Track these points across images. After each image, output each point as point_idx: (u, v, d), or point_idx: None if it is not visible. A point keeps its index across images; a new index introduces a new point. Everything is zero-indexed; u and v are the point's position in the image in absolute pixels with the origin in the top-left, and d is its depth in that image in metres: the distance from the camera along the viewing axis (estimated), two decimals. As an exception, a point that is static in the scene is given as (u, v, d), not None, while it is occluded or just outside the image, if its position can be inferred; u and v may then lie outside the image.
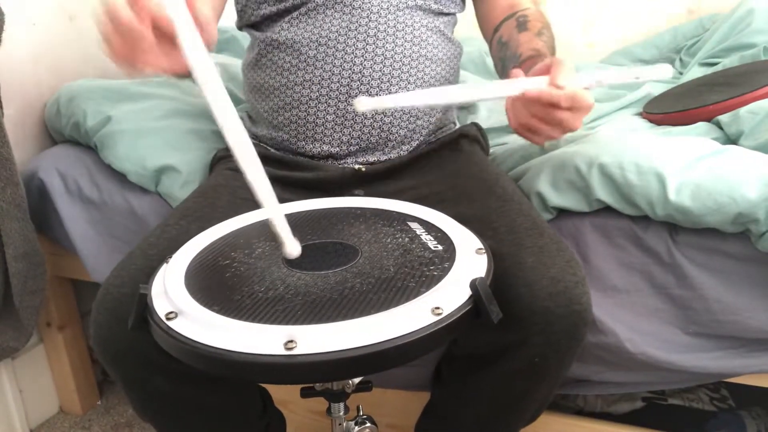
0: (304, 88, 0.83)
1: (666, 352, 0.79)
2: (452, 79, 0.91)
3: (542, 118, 0.68)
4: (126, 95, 1.10)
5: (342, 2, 0.82)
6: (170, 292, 0.51)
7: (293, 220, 0.68)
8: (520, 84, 0.67)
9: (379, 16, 0.82)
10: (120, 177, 1.02)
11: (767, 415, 1.06)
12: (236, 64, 1.26)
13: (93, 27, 1.27)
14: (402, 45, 0.83)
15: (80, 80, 1.16)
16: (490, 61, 1.53)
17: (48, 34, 1.19)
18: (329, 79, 0.82)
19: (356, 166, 0.85)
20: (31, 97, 1.16)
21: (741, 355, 0.79)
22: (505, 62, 0.85)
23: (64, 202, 1.04)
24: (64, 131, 1.10)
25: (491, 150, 1.08)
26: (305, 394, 0.64)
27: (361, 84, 0.82)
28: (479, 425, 0.73)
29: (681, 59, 1.52)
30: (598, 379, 0.87)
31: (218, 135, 1.08)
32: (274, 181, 0.85)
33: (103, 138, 1.02)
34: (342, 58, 0.81)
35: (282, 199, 0.80)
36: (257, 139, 0.92)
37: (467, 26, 0.99)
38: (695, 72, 1.32)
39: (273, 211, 0.56)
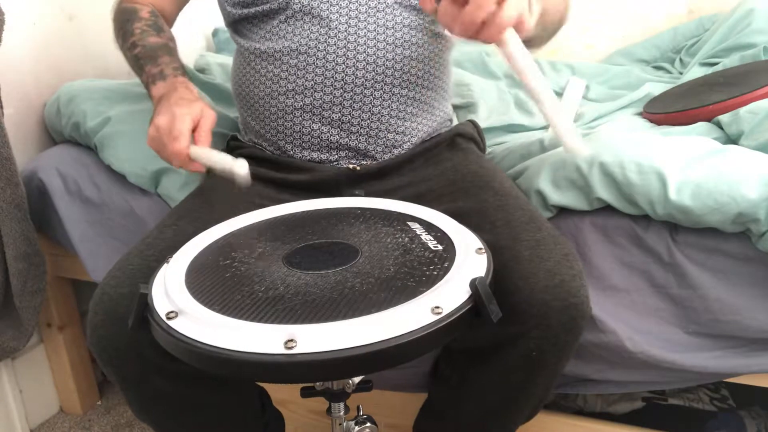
0: (287, 97, 0.83)
1: (666, 351, 0.80)
2: (440, 75, 0.89)
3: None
4: (126, 96, 1.10)
5: (319, 7, 0.81)
6: (171, 292, 0.51)
7: (293, 220, 0.68)
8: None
9: (358, 21, 0.81)
10: (120, 178, 1.02)
11: (767, 415, 1.06)
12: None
13: (93, 27, 1.28)
14: (384, 48, 0.81)
15: (80, 80, 1.16)
16: (489, 61, 1.53)
17: (48, 34, 1.19)
18: (312, 87, 0.81)
19: (350, 166, 0.85)
20: (31, 97, 1.16)
21: (741, 355, 0.79)
22: None
23: (64, 203, 1.04)
24: (64, 131, 1.10)
25: (490, 149, 1.08)
26: (305, 393, 0.64)
27: (345, 91, 0.81)
28: (477, 421, 0.73)
29: (681, 59, 1.52)
30: (598, 378, 0.87)
31: (217, 136, 1.08)
32: (271, 183, 0.86)
33: (103, 139, 1.02)
34: (323, 66, 0.81)
35: (280, 200, 0.80)
36: (253, 143, 0.92)
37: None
38: (695, 72, 1.32)
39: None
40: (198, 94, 0.81)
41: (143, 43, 0.86)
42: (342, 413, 0.64)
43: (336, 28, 0.80)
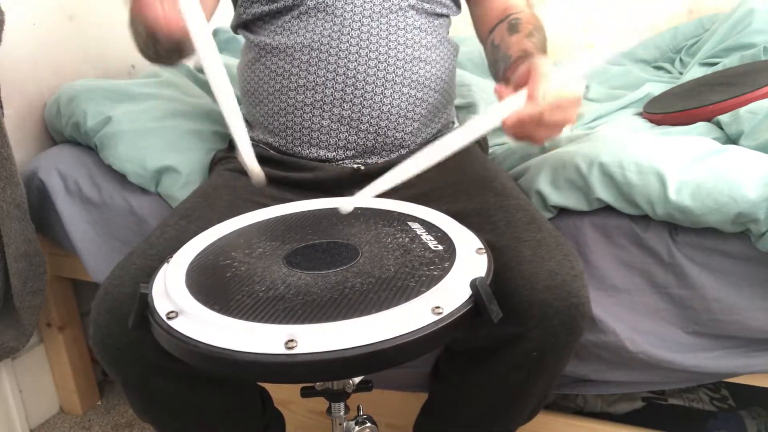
0: (298, 93, 0.83)
1: (666, 351, 0.80)
2: (447, 79, 0.90)
3: (534, 129, 0.65)
4: (126, 95, 1.10)
5: (333, 5, 0.82)
6: (171, 292, 0.51)
7: (293, 220, 0.68)
8: (499, 112, 0.63)
9: (371, 20, 0.82)
10: (120, 177, 1.02)
11: (767, 415, 1.06)
12: (236, 64, 1.26)
13: (93, 27, 1.27)
14: (395, 48, 0.82)
15: (80, 80, 1.16)
16: (488, 61, 1.53)
17: (48, 34, 1.19)
18: (323, 84, 0.82)
19: (355, 165, 0.85)
20: (31, 97, 1.16)
21: (741, 355, 0.79)
22: (497, 64, 0.85)
23: (64, 202, 1.04)
24: (64, 131, 1.10)
25: (491, 150, 1.08)
26: (305, 393, 0.64)
27: (356, 88, 0.82)
28: (478, 422, 0.73)
29: (681, 59, 1.52)
30: (598, 378, 0.87)
31: (218, 135, 1.08)
32: (274, 181, 0.86)
33: (104, 138, 1.02)
34: (335, 62, 0.81)
35: (282, 199, 0.80)
36: (255, 142, 0.92)
37: (467, 26, 0.99)
38: (695, 72, 1.32)
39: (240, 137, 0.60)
40: None
41: None
42: (342, 413, 0.64)
43: (349, 26, 0.81)
